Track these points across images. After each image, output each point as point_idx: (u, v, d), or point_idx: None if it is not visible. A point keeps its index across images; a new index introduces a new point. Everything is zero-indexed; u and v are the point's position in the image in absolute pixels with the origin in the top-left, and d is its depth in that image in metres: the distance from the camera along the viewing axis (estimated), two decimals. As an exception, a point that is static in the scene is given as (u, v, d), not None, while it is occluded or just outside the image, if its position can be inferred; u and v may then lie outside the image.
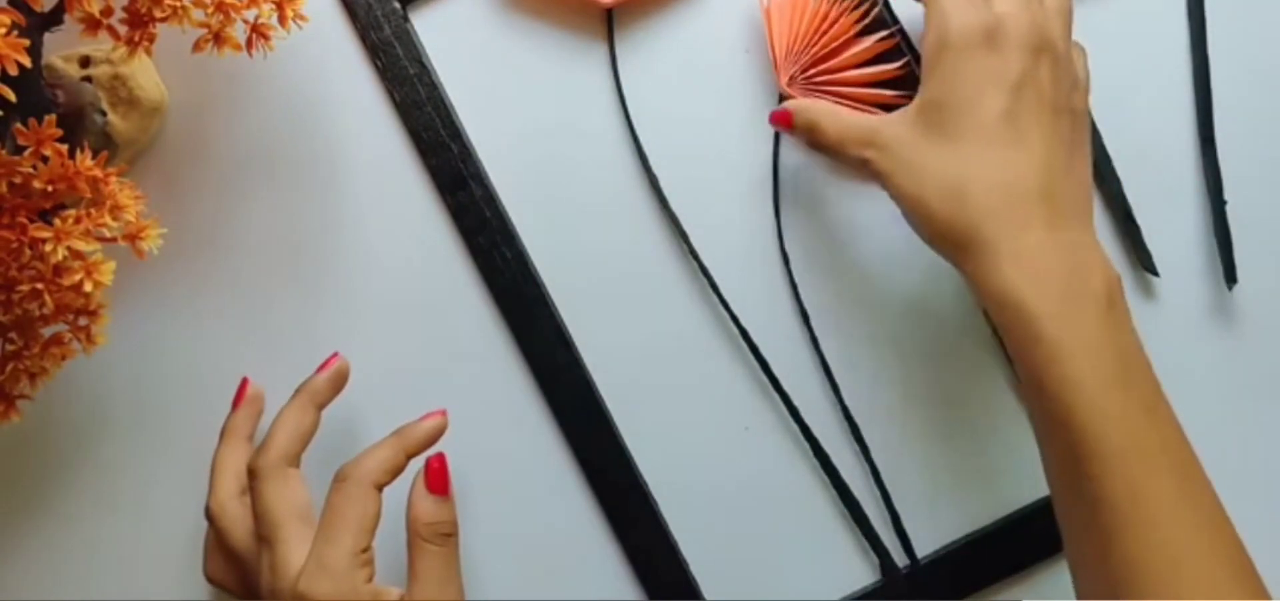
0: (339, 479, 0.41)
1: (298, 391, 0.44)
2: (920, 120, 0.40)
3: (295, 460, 0.42)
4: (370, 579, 0.39)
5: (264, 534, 0.41)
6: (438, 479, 0.42)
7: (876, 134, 0.41)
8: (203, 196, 0.48)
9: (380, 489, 0.41)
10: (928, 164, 0.39)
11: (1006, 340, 0.38)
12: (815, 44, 0.46)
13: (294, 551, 0.40)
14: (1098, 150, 0.47)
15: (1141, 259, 0.47)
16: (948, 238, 0.39)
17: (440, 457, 0.42)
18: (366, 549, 0.40)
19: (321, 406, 0.44)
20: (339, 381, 0.45)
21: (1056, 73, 0.39)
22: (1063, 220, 0.38)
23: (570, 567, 0.47)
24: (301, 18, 0.42)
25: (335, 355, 0.45)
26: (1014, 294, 0.37)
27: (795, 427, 0.47)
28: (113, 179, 0.39)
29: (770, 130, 0.47)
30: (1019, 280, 0.37)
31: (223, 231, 0.48)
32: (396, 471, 0.42)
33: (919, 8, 0.41)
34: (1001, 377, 0.47)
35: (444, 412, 0.44)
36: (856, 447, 0.47)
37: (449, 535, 0.41)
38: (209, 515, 0.43)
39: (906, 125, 0.40)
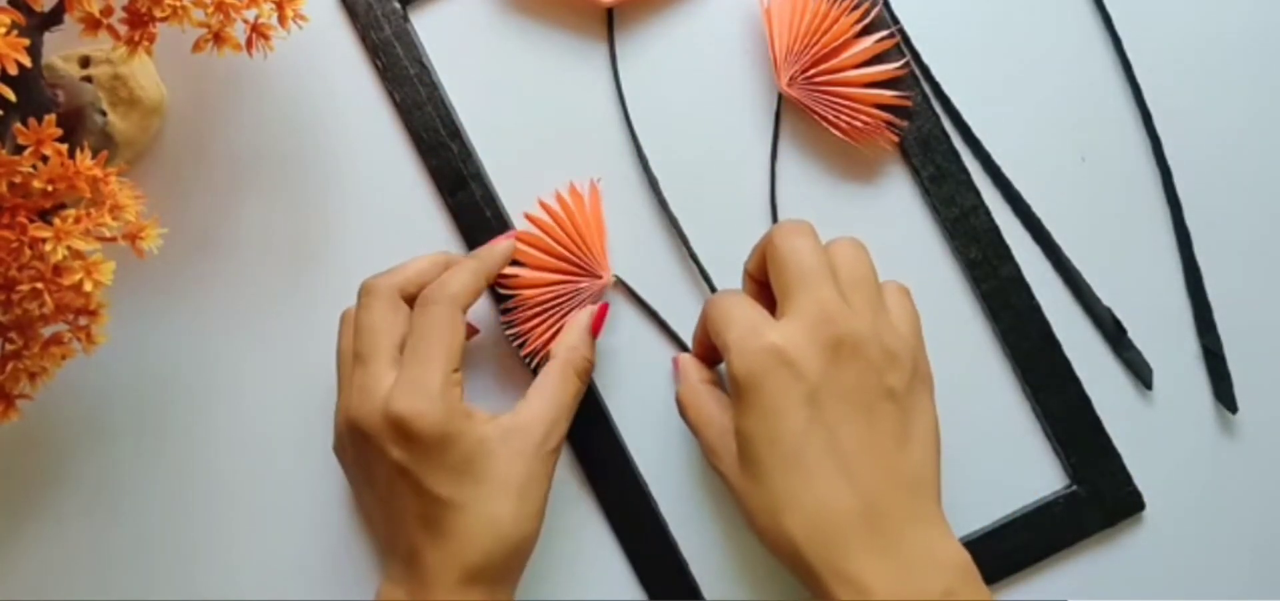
0: (424, 302, 0.41)
1: (470, 255, 0.45)
2: (740, 457, 0.39)
3: (411, 298, 0.43)
4: (461, 399, 0.40)
5: (360, 349, 0.41)
6: (598, 323, 0.45)
7: (717, 463, 0.40)
8: (203, 196, 0.48)
9: (465, 311, 0.42)
10: (749, 503, 0.39)
11: None
12: (815, 44, 0.46)
13: (386, 371, 0.40)
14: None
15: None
16: (792, 571, 0.38)
17: (605, 307, 0.46)
18: (457, 369, 0.40)
19: (481, 277, 0.43)
20: (505, 257, 0.45)
21: (860, 364, 0.37)
22: (889, 532, 0.37)
23: (570, 567, 0.47)
24: (301, 18, 0.42)
25: (513, 233, 0.46)
26: None
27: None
28: (113, 179, 0.39)
29: (770, 131, 0.47)
30: None
31: (223, 231, 0.48)
32: (478, 294, 0.43)
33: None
34: (999, 378, 0.47)
35: (515, 233, 0.46)
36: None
37: (584, 373, 0.44)
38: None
39: (731, 463, 0.39)
